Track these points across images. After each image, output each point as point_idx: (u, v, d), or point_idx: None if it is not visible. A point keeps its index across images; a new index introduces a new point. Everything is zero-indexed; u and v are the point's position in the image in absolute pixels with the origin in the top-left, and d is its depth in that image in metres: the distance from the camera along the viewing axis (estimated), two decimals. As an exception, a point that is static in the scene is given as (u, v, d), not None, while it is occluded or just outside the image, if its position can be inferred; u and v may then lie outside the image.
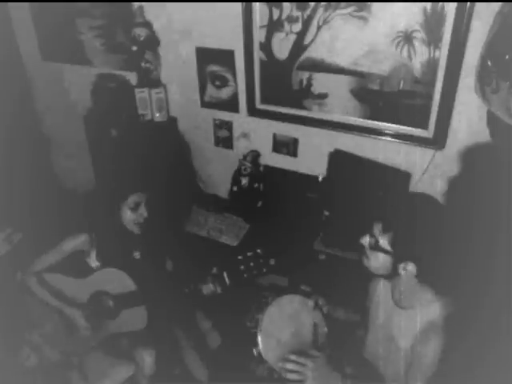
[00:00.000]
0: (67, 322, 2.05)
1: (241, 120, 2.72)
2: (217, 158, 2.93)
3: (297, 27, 2.29)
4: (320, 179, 2.54)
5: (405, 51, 2.10)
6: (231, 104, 2.69)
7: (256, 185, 2.72)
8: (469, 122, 2.13)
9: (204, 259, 2.27)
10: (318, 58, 2.31)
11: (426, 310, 1.47)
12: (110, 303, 2.03)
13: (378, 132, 2.34)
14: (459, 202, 2.22)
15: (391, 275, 1.50)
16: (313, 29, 2.26)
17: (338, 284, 2.10)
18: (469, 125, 2.14)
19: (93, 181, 3.15)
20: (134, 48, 2.65)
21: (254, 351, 1.70)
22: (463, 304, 1.49)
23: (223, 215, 2.80)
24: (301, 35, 2.30)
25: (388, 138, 2.33)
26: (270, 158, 2.74)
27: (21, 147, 3.19)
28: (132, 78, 2.84)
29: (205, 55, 2.63)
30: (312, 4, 2.20)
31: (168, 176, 2.51)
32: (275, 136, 2.66)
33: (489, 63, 1.67)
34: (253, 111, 2.64)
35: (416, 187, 2.34)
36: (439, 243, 1.40)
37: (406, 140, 2.29)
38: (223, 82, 2.65)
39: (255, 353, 1.70)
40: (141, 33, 2.61)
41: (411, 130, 2.26)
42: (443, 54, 2.04)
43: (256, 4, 2.32)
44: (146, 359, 2.07)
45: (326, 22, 2.22)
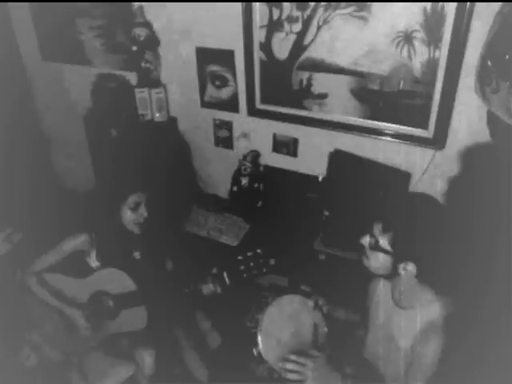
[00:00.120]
0: (67, 322, 2.05)
1: (241, 120, 2.72)
2: (217, 158, 2.93)
3: (297, 27, 2.29)
4: (320, 179, 2.54)
5: (405, 51, 2.10)
6: (231, 104, 2.69)
7: (256, 185, 2.72)
8: (469, 122, 2.13)
9: (204, 259, 2.27)
10: (318, 58, 2.31)
11: (426, 310, 1.47)
12: (110, 303, 2.03)
13: (378, 132, 2.34)
14: (459, 202, 2.22)
15: (391, 275, 1.50)
16: (313, 29, 2.26)
17: (338, 284, 2.10)
18: (469, 125, 2.14)
19: (93, 181, 3.15)
20: (134, 48, 2.65)
21: (254, 351, 1.70)
22: (463, 304, 1.49)
23: (223, 215, 2.80)
24: (301, 35, 2.30)
25: (388, 138, 2.33)
26: (270, 158, 2.74)
27: (21, 147, 3.19)
28: (132, 78, 2.84)
29: (205, 55, 2.63)
30: (312, 4, 2.20)
31: (168, 176, 2.51)
32: (275, 136, 2.66)
33: (489, 63, 1.67)
34: (253, 111, 2.64)
35: (416, 187, 2.34)
36: (439, 243, 1.40)
37: (406, 140, 2.29)
38: (223, 82, 2.65)
39: (255, 353, 1.70)
40: (141, 33, 2.61)
41: (411, 130, 2.26)
42: (443, 54, 2.04)
43: (256, 4, 2.32)
44: (146, 359, 2.08)
45: (326, 22, 2.22)
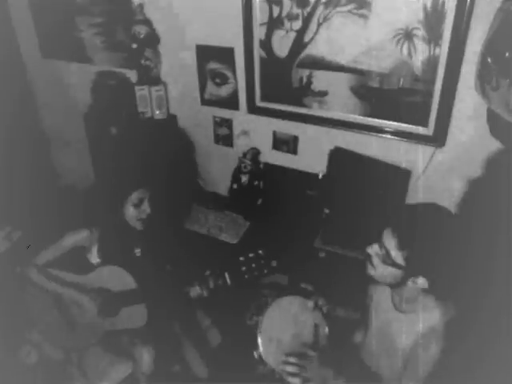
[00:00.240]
0: (68, 319, 2.06)
1: (241, 118, 2.72)
2: (217, 156, 2.93)
3: (297, 25, 2.29)
4: (320, 177, 2.54)
5: (405, 49, 2.10)
6: (231, 102, 2.69)
7: (256, 182, 2.72)
8: (469, 120, 2.13)
9: (205, 258, 2.27)
10: (318, 56, 2.31)
11: (427, 316, 1.46)
12: (111, 300, 2.03)
13: (378, 130, 2.34)
14: (460, 204, 2.22)
15: (397, 285, 1.48)
16: (313, 26, 2.25)
17: (339, 282, 2.10)
18: (469, 122, 2.13)
19: (93, 178, 3.15)
20: (134, 46, 2.65)
21: (255, 354, 1.69)
22: (463, 306, 1.48)
23: (223, 213, 2.80)
24: (301, 33, 2.30)
25: (388, 136, 2.33)
26: (270, 156, 2.73)
27: (21, 145, 3.19)
28: (132, 76, 2.84)
29: (205, 53, 2.62)
30: (312, 1, 2.19)
31: (168, 173, 2.51)
32: (275, 133, 2.66)
33: (489, 61, 1.67)
34: (253, 109, 2.64)
35: (416, 185, 2.34)
36: (452, 257, 1.36)
37: (406, 138, 2.29)
38: (223, 80, 2.65)
39: (256, 355, 1.69)
40: (141, 30, 2.61)
41: (411, 128, 2.25)
42: (443, 52, 2.03)
43: (256, 1, 2.32)
44: (145, 357, 2.08)
45: (327, 20, 2.21)
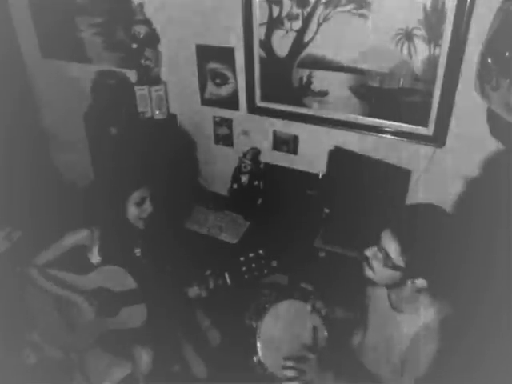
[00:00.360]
0: (67, 320, 2.06)
1: (241, 117, 2.72)
2: (217, 156, 2.93)
3: (297, 24, 2.29)
4: (320, 176, 2.54)
5: (405, 49, 2.10)
6: (231, 101, 2.69)
7: (256, 182, 2.72)
8: (469, 120, 2.13)
9: (204, 258, 2.27)
10: (318, 56, 2.31)
11: (423, 314, 1.46)
12: (111, 300, 2.03)
13: (378, 129, 2.34)
14: (460, 204, 2.22)
15: (395, 286, 1.48)
16: (313, 26, 2.25)
17: (338, 282, 2.10)
18: (469, 122, 2.13)
19: (93, 178, 3.15)
20: (134, 45, 2.65)
21: (255, 359, 1.70)
22: (462, 307, 1.48)
23: (223, 213, 2.80)
24: (301, 33, 2.30)
25: (388, 136, 2.33)
26: (270, 156, 2.73)
27: (21, 145, 3.19)
28: (132, 76, 2.84)
29: (205, 53, 2.62)
30: (312, 1, 2.19)
31: (169, 173, 2.51)
32: (275, 133, 2.66)
33: (489, 61, 1.67)
34: (253, 109, 2.64)
35: (416, 185, 2.33)
36: (452, 258, 1.36)
37: (406, 137, 2.29)
38: (223, 80, 2.65)
39: (255, 360, 1.69)
40: (140, 30, 2.60)
41: (411, 128, 2.25)
42: (443, 52, 2.03)
43: (256, 1, 2.31)
44: (144, 357, 2.08)
45: (326, 20, 2.21)
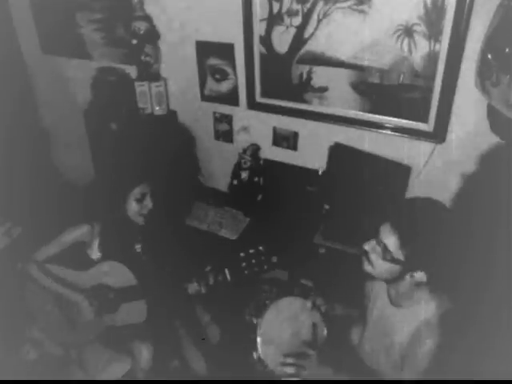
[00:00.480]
0: (68, 316, 2.06)
1: (241, 114, 2.72)
2: (217, 152, 2.93)
3: (297, 20, 2.28)
4: (320, 173, 2.54)
5: (405, 45, 2.10)
6: (231, 97, 2.69)
7: (256, 178, 2.72)
8: (469, 116, 2.13)
9: (204, 254, 2.27)
10: (318, 52, 2.31)
11: (423, 308, 1.46)
12: (111, 296, 2.04)
13: (378, 125, 2.34)
14: (460, 199, 2.22)
15: (394, 281, 1.49)
16: (313, 22, 2.25)
17: (338, 278, 2.10)
18: (469, 118, 2.13)
19: (93, 174, 3.15)
20: (134, 41, 2.64)
21: (254, 355, 1.70)
22: (462, 301, 1.49)
23: (223, 209, 2.80)
24: (301, 29, 2.29)
25: (388, 132, 2.33)
26: (270, 152, 2.73)
27: (21, 141, 3.19)
28: (132, 72, 2.83)
29: (205, 49, 2.62)
30: (312, -3, 2.19)
31: (169, 169, 2.51)
32: (275, 129, 2.66)
33: (489, 57, 1.67)
34: (253, 105, 2.64)
35: (416, 181, 2.34)
36: (450, 251, 1.37)
37: (406, 134, 2.29)
38: (223, 76, 2.65)
39: (255, 357, 1.70)
40: (141, 26, 2.60)
41: (411, 124, 2.25)
42: (443, 48, 2.03)
43: (256, -3, 2.31)
44: (144, 353, 2.09)
45: (326, 16, 2.21)
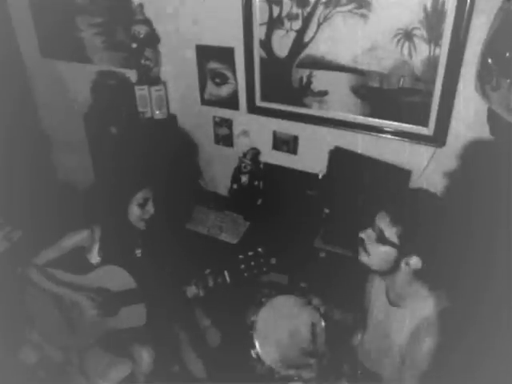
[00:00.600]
0: (68, 319, 2.05)
1: (241, 118, 2.72)
2: (217, 156, 2.93)
3: (297, 24, 2.28)
4: (320, 177, 2.54)
5: (405, 49, 2.10)
6: (231, 102, 2.69)
7: (256, 182, 2.72)
8: (469, 120, 2.13)
9: (204, 258, 2.26)
10: (318, 56, 2.31)
11: (421, 306, 1.47)
12: (110, 300, 2.03)
13: (379, 129, 2.34)
14: (460, 199, 2.22)
15: (390, 271, 1.49)
16: (313, 26, 2.25)
17: (338, 281, 2.10)
18: (469, 122, 2.13)
19: (93, 178, 3.15)
20: (134, 45, 2.65)
21: (253, 353, 1.70)
22: (462, 299, 1.49)
23: (223, 213, 2.80)
24: (301, 33, 2.29)
25: (388, 136, 2.32)
26: (270, 156, 2.73)
27: (21, 145, 3.19)
28: (132, 76, 2.84)
29: (205, 53, 2.62)
30: (312, 1, 2.19)
31: (169, 174, 2.50)
32: (275, 134, 2.66)
33: (489, 61, 1.67)
34: (253, 109, 2.64)
35: (416, 185, 2.33)
36: (443, 237, 1.40)
37: (407, 138, 2.28)
38: (223, 80, 2.65)
39: (253, 354, 1.70)
40: (140, 30, 2.61)
41: (411, 128, 2.25)
42: (443, 52, 2.03)
43: (256, 1, 2.31)
44: (144, 357, 2.08)
45: (327, 20, 2.21)
